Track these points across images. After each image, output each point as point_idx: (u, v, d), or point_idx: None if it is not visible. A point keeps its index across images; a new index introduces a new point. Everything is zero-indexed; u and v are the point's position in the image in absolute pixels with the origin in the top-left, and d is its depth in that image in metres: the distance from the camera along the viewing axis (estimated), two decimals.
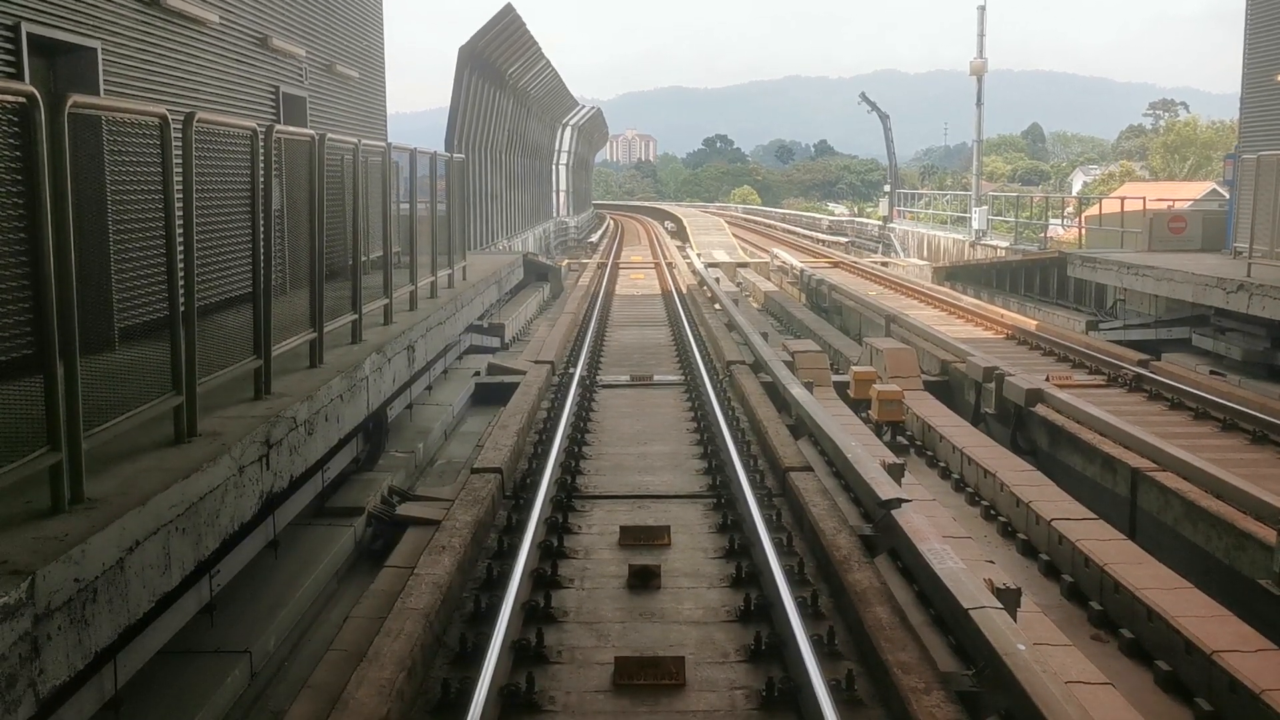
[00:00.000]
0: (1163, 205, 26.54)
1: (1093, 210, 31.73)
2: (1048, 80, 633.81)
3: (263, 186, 6.63)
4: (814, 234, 57.04)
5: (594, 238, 56.80)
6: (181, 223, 5.47)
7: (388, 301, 10.09)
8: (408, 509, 8.65)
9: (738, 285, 30.95)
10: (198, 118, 5.64)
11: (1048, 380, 14.20)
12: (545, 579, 7.18)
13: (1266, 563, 7.80)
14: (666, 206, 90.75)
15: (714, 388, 12.98)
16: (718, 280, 29.11)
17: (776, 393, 12.83)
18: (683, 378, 14.80)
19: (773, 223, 72.36)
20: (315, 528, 8.18)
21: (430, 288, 12.57)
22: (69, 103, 4.26)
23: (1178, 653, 6.69)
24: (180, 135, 5.46)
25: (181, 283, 5.46)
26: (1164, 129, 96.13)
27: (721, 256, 37.91)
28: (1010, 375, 13.62)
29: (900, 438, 12.88)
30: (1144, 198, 28.26)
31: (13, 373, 4.16)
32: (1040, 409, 12.74)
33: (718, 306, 22.79)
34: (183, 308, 5.42)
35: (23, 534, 3.98)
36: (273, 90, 13.17)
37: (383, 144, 10.83)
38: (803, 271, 31.98)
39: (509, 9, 29.42)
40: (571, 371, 14.39)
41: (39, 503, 4.24)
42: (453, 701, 5.46)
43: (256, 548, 6.99)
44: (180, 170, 5.46)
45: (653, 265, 35.68)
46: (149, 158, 5.29)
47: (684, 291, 26.07)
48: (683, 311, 21.60)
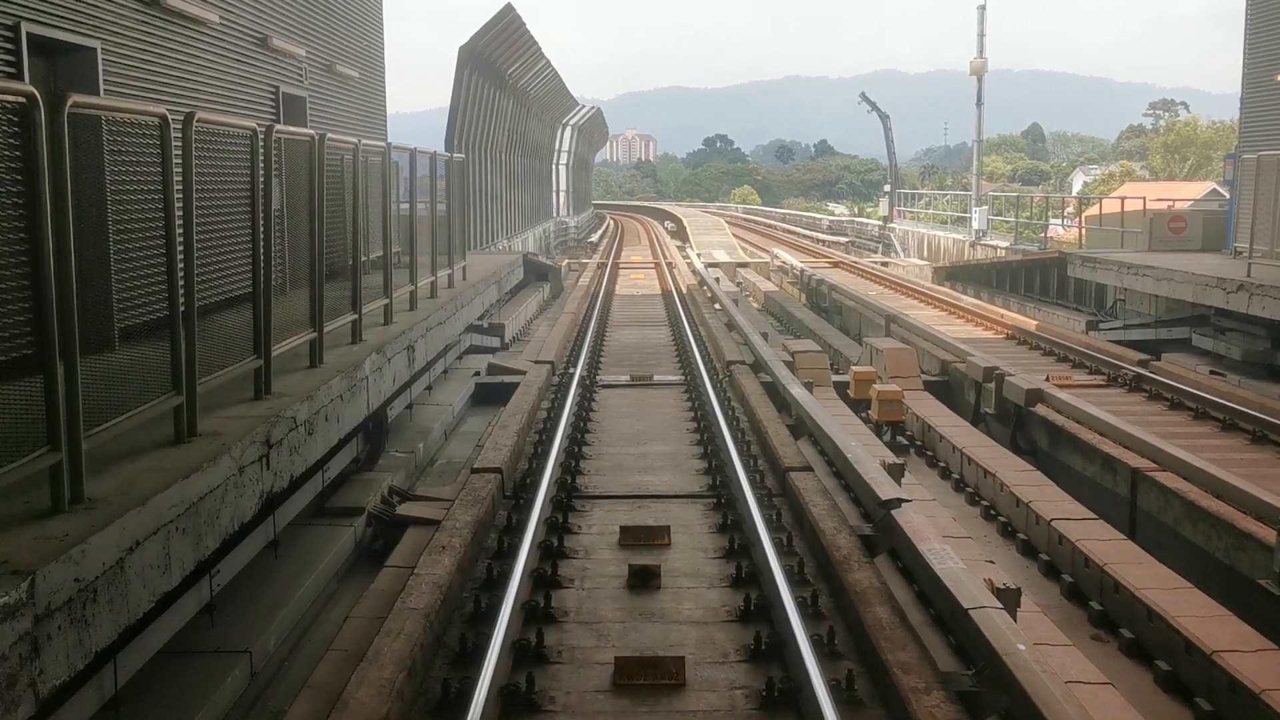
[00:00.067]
0: (1163, 205, 26.54)
1: (1093, 210, 31.73)
2: (1048, 80, 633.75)
3: (263, 186, 6.63)
4: (814, 234, 57.03)
5: (594, 238, 56.79)
6: (181, 223, 5.47)
7: (388, 301, 10.09)
8: (408, 509, 8.65)
9: (738, 285, 30.95)
10: (197, 118, 5.64)
11: (1048, 380, 14.20)
12: (545, 579, 7.18)
13: (1266, 563, 7.80)
14: (666, 206, 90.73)
15: (714, 388, 12.98)
16: (718, 280, 29.10)
17: (776, 393, 12.83)
18: (683, 378, 14.80)
19: (773, 223, 72.34)
20: (315, 528, 8.18)
21: (430, 288, 12.58)
22: (69, 103, 4.26)
23: (1178, 653, 6.70)
24: (180, 135, 5.46)
25: (181, 283, 5.45)
26: (1164, 129, 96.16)
27: (721, 256, 37.90)
28: (1010, 375, 13.62)
29: (900, 438, 12.88)
30: (1144, 198, 28.25)
31: (13, 373, 4.16)
32: (1040, 409, 12.74)
33: (718, 306, 22.79)
34: (183, 308, 5.41)
35: (23, 534, 3.98)
36: (273, 90, 13.18)
37: (383, 144, 10.83)
38: (803, 271, 31.98)
39: (509, 9, 29.43)
40: (571, 371, 14.39)
41: (39, 503, 4.24)
42: (453, 701, 5.46)
43: (256, 548, 6.99)
44: (180, 170, 5.46)
45: (653, 265, 35.67)
46: (149, 158, 5.29)
47: (684, 291, 26.07)
48: (683, 311, 21.60)
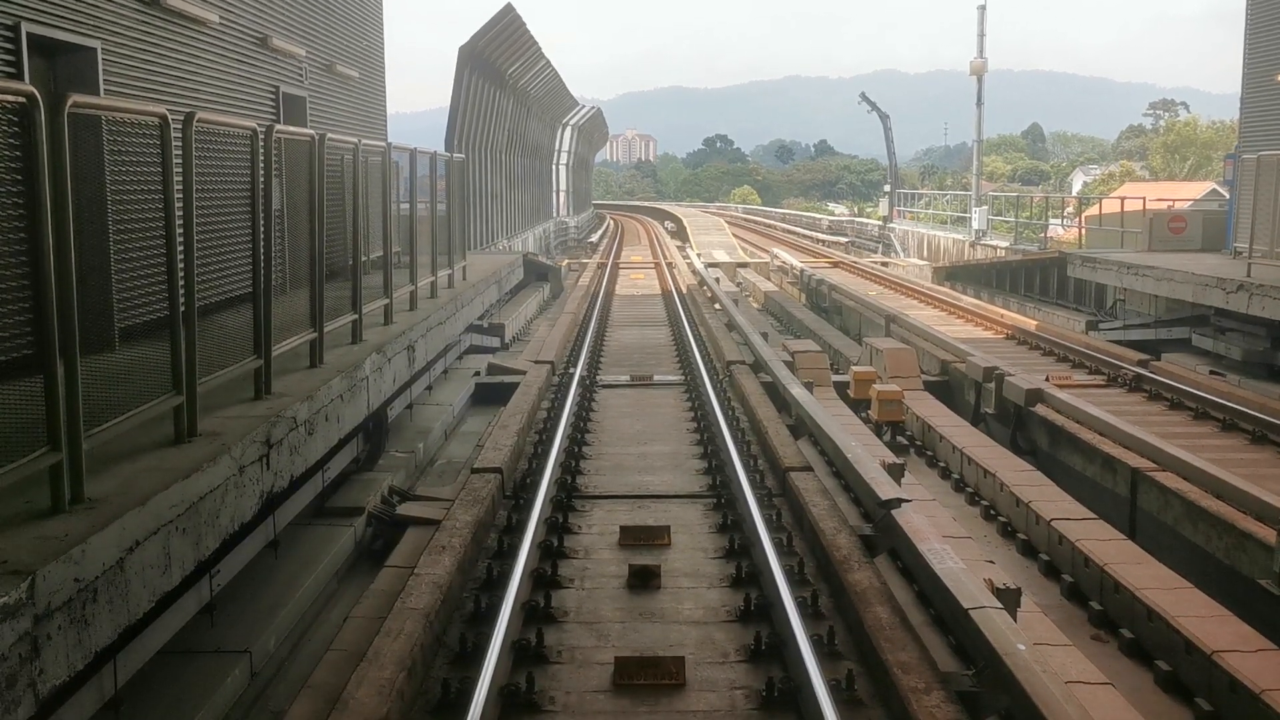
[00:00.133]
0: (1163, 205, 26.55)
1: (1093, 210, 31.73)
2: (1048, 80, 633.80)
3: (263, 186, 6.63)
4: (814, 234, 57.03)
5: (594, 238, 56.79)
6: (181, 223, 5.47)
7: (388, 301, 10.09)
8: (408, 509, 8.65)
9: (738, 285, 30.95)
10: (198, 118, 5.64)
11: (1048, 380, 14.20)
12: (545, 579, 7.18)
13: (1266, 563, 7.80)
14: (666, 206, 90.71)
15: (714, 388, 12.98)
16: (718, 280, 29.10)
17: (776, 393, 12.83)
18: (683, 378, 14.80)
19: (773, 223, 72.34)
20: (315, 528, 8.18)
21: (430, 288, 12.58)
22: (69, 102, 4.26)
23: (1178, 653, 6.69)
24: (180, 135, 5.46)
25: (181, 283, 5.45)
26: (1164, 129, 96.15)
27: (721, 256, 37.90)
28: (1010, 375, 13.62)
29: (900, 438, 12.88)
30: (1144, 198, 28.26)
31: (13, 373, 4.16)
32: (1040, 409, 12.73)
33: (718, 306, 22.79)
34: (183, 308, 5.41)
35: (23, 534, 3.98)
36: (273, 90, 13.18)
37: (383, 144, 10.83)
38: (803, 271, 31.98)
39: (509, 9, 29.43)
40: (571, 371, 14.39)
41: (39, 503, 4.24)
42: (453, 701, 5.46)
43: (256, 548, 6.99)
44: (180, 170, 5.45)
45: (653, 265, 35.67)
46: (149, 158, 5.29)
47: (684, 291, 26.06)
48: (683, 311, 21.60)
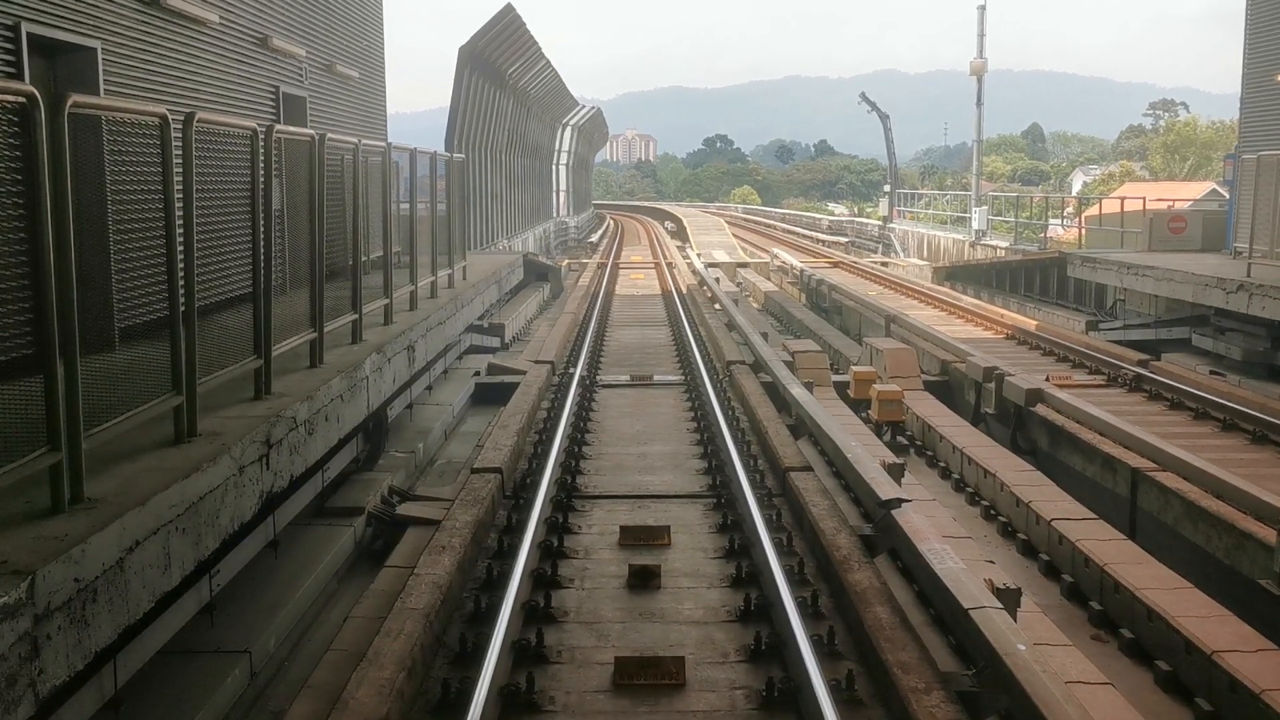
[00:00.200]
0: (1163, 205, 26.55)
1: (1093, 210, 31.74)
2: (1048, 80, 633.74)
3: (263, 186, 6.63)
4: (814, 234, 57.04)
5: (594, 238, 56.79)
6: (181, 223, 5.47)
7: (388, 301, 10.09)
8: (408, 509, 8.66)
9: (738, 285, 30.94)
10: (198, 118, 5.64)
11: (1048, 380, 14.20)
12: (545, 579, 7.18)
13: (1266, 563, 7.80)
14: (666, 206, 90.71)
15: (714, 388, 12.98)
16: (718, 280, 29.10)
17: (776, 393, 12.83)
18: (683, 378, 14.80)
19: (773, 223, 72.34)
20: (315, 528, 8.18)
21: (430, 288, 12.58)
22: (69, 103, 4.26)
23: (1178, 653, 6.70)
24: (180, 135, 5.46)
25: (181, 283, 5.45)
26: (1164, 129, 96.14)
27: (721, 256, 37.90)
28: (1010, 375, 13.62)
29: (900, 438, 12.88)
30: (1144, 198, 28.27)
31: (13, 373, 4.16)
32: (1040, 409, 12.73)
33: (718, 306, 22.79)
34: (183, 308, 5.41)
35: (23, 534, 3.98)
36: (273, 90, 13.18)
37: (383, 144, 10.83)
38: (803, 271, 31.98)
39: (509, 9, 29.43)
40: (571, 371, 14.39)
41: (39, 503, 4.24)
42: (453, 701, 5.46)
43: (256, 548, 6.99)
44: (180, 170, 5.46)
45: (653, 265, 35.67)
46: (149, 158, 5.29)
47: (684, 291, 26.06)
48: (683, 311, 21.60)
